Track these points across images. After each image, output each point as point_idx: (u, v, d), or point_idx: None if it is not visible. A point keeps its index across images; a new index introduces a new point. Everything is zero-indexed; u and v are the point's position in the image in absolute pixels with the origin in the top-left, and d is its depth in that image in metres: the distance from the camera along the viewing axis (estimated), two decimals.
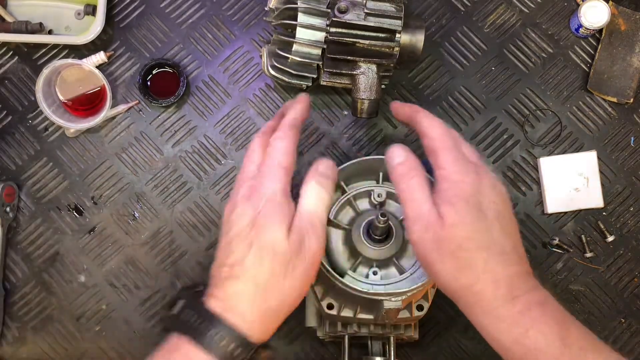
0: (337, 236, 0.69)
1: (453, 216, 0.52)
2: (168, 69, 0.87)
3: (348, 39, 0.75)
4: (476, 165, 0.56)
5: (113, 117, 0.87)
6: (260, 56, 0.80)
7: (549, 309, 0.51)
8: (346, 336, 0.74)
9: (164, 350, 0.53)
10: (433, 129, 0.58)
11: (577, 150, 0.86)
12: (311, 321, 0.76)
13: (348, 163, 0.69)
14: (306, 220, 0.56)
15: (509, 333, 0.51)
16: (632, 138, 0.87)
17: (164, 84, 0.86)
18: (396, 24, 0.75)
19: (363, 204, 0.72)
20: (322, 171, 0.60)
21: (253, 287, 0.53)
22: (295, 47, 0.76)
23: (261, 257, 0.53)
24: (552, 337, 0.50)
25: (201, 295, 0.55)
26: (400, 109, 0.65)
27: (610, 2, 0.87)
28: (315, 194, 0.58)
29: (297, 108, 0.64)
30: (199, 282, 0.84)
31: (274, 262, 0.54)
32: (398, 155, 0.58)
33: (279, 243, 0.54)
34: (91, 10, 0.87)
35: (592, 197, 0.85)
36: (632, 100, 0.86)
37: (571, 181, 0.85)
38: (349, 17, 0.74)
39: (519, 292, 0.51)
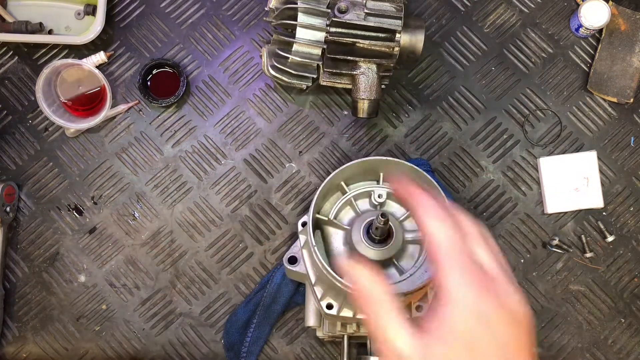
0: (337, 236, 0.69)
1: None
2: (168, 69, 0.87)
3: (348, 39, 0.75)
4: (491, 280, 0.42)
5: (113, 117, 0.87)
6: (260, 56, 0.80)
7: None
8: (345, 336, 0.74)
9: None
10: (436, 232, 0.43)
11: (577, 150, 0.86)
12: (311, 321, 0.76)
13: (348, 164, 0.69)
14: None
15: None
16: (632, 138, 0.87)
17: (164, 84, 0.86)
18: (396, 24, 0.75)
19: (363, 205, 0.72)
20: None
21: None
22: (295, 47, 0.76)
23: None
24: None
25: None
26: (400, 189, 0.47)
27: (610, 2, 0.87)
28: None
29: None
30: None
31: None
32: (354, 276, 0.44)
33: None
34: (91, 10, 0.87)
35: (592, 197, 0.85)
36: (632, 100, 0.86)
37: (571, 181, 0.85)
38: (349, 17, 0.74)
39: None
